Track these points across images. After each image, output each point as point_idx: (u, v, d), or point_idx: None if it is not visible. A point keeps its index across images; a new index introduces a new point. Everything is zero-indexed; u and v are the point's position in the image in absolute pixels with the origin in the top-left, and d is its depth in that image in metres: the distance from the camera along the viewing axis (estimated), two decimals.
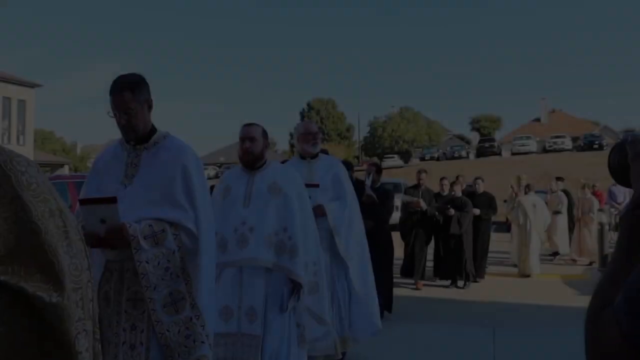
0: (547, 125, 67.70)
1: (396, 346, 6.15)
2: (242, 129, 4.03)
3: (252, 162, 4.02)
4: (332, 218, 4.76)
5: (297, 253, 3.84)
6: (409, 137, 63.31)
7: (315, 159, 5.03)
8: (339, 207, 4.86)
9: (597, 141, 49.68)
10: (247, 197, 3.95)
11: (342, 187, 4.94)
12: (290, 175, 4.12)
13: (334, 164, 5.08)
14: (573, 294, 9.37)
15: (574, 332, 5.83)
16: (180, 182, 2.90)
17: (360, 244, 5.03)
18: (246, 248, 3.82)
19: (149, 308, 2.77)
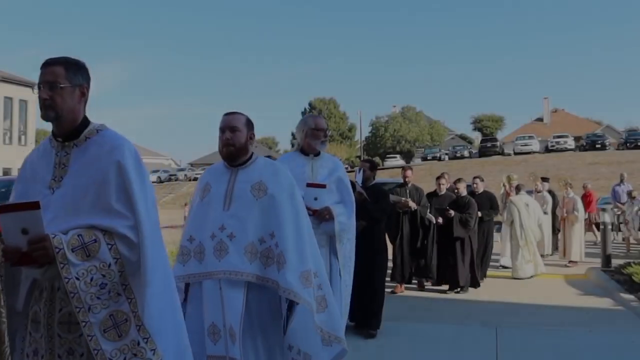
0: (549, 125, 67.64)
1: (399, 346, 6.13)
2: (223, 118, 3.51)
3: (233, 156, 3.48)
4: (339, 223, 4.47)
5: (286, 263, 3.26)
6: (411, 137, 63.36)
7: (318, 157, 4.72)
8: (345, 213, 4.57)
9: (599, 141, 49.67)
10: (228, 198, 3.41)
11: (348, 191, 4.69)
12: (279, 173, 3.53)
13: (337, 165, 4.81)
14: (575, 294, 9.34)
15: (577, 331, 5.83)
16: (114, 182, 2.47)
17: (351, 257, 4.70)
18: (224, 258, 3.30)
19: (85, 334, 2.34)
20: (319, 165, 4.68)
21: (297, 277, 3.25)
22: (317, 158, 4.71)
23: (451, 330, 6.82)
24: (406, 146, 63.39)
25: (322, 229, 4.37)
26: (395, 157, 55.26)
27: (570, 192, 13.29)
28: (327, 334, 3.46)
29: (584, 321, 7.33)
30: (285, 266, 3.25)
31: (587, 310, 8.04)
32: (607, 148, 48.34)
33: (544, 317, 7.58)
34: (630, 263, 10.57)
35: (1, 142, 31.22)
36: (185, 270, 3.40)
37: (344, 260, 4.51)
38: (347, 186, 4.71)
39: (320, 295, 3.45)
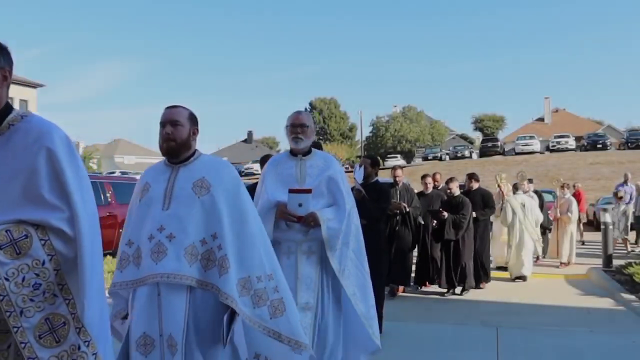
0: (550, 125, 67.60)
1: (400, 346, 6.11)
2: (164, 112, 3.25)
3: (173, 152, 3.19)
4: (327, 229, 4.07)
5: (228, 267, 3.02)
6: (411, 136, 63.34)
7: (308, 157, 4.33)
8: (336, 217, 4.15)
9: (600, 140, 49.58)
10: (167, 197, 3.13)
11: (339, 191, 4.24)
12: (223, 169, 3.25)
13: (329, 163, 4.35)
14: (576, 294, 9.34)
15: (577, 331, 5.81)
16: (44, 170, 2.21)
17: (360, 258, 4.33)
18: (162, 261, 3.00)
19: (18, 341, 2.10)
20: (308, 165, 4.29)
21: (235, 284, 3.02)
22: (307, 158, 4.32)
23: (451, 331, 6.81)
24: (407, 146, 63.37)
25: (311, 234, 4.11)
26: (396, 157, 55.13)
27: (567, 192, 13.23)
28: (286, 339, 3.17)
29: (584, 321, 7.32)
30: (229, 271, 3.00)
31: (588, 311, 8.03)
32: (608, 148, 48.27)
33: (545, 317, 7.57)
34: (631, 263, 10.56)
35: None
36: (123, 276, 3.12)
37: (342, 266, 4.12)
38: (339, 185, 4.26)
39: (277, 298, 3.17)
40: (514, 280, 10.53)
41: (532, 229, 10.93)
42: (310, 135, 4.30)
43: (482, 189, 10.27)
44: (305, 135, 4.25)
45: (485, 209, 9.87)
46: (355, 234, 4.31)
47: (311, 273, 4.14)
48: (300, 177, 4.24)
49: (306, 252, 4.15)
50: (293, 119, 4.28)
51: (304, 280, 4.11)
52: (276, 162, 4.41)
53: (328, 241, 4.07)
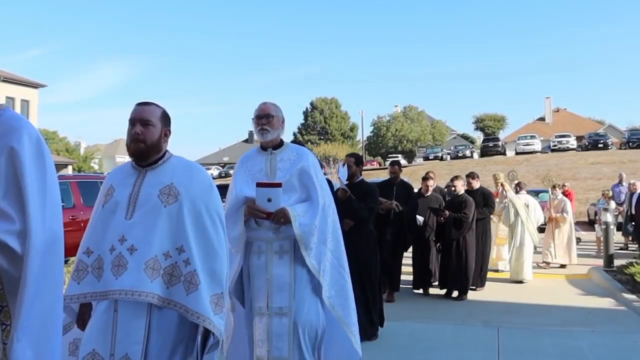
0: (551, 125, 67.55)
1: (401, 346, 6.11)
2: (134, 109, 2.93)
3: (142, 154, 2.89)
4: (300, 226, 3.75)
5: (199, 283, 2.74)
6: (412, 136, 63.31)
7: (279, 150, 4.02)
8: (308, 212, 3.84)
9: (602, 140, 49.49)
10: (132, 204, 2.82)
11: (312, 184, 3.92)
12: (194, 175, 2.94)
13: (302, 155, 4.01)
14: (577, 294, 9.33)
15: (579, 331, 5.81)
16: (3, 173, 1.97)
17: (339, 258, 3.99)
18: (122, 275, 2.71)
19: None
20: (279, 159, 3.99)
21: (208, 301, 2.75)
22: (278, 151, 4.01)
23: (452, 330, 6.81)
24: (408, 146, 63.33)
25: (283, 232, 3.80)
26: (397, 157, 55.12)
27: (559, 193, 12.97)
28: None
29: (586, 321, 7.31)
30: (199, 288, 2.72)
31: (589, 310, 8.02)
32: (609, 147, 48.20)
33: (546, 317, 7.56)
34: (632, 263, 10.54)
35: None
36: (80, 289, 2.79)
37: (321, 266, 3.81)
38: (312, 178, 3.92)
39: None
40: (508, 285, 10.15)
41: (534, 230, 10.69)
42: (277, 126, 3.97)
43: (483, 188, 10.07)
44: (271, 126, 3.94)
45: (485, 207, 9.63)
46: (332, 231, 3.97)
47: (284, 274, 3.81)
48: (270, 171, 3.95)
49: (278, 252, 3.85)
50: (258, 110, 3.98)
51: (275, 282, 3.80)
52: (246, 159, 4.13)
53: (302, 239, 3.75)
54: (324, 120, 69.26)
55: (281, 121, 4.02)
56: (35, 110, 33.85)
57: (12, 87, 31.96)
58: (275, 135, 3.98)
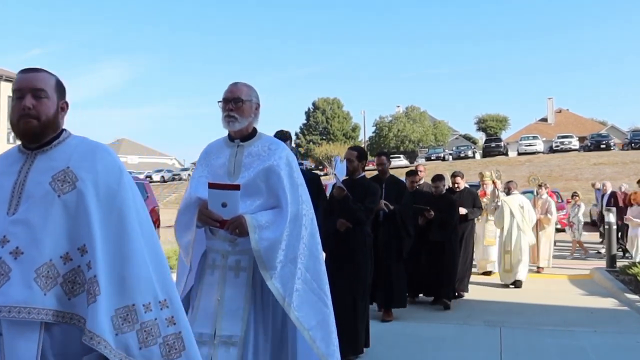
0: (554, 125, 67.51)
1: (404, 345, 6.10)
2: (20, 77, 2.27)
3: (35, 135, 2.24)
4: (257, 240, 3.01)
5: (98, 293, 2.08)
6: (414, 137, 63.27)
7: (248, 142, 3.28)
8: (274, 223, 3.09)
9: (604, 141, 49.49)
10: (15, 197, 2.19)
11: (281, 188, 3.14)
12: (97, 156, 2.26)
13: (274, 150, 3.26)
14: (580, 294, 9.31)
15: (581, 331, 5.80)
16: None
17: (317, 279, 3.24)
18: (3, 288, 2.08)
19: None
20: (246, 153, 3.25)
21: (109, 316, 2.09)
22: (247, 144, 3.28)
23: (455, 330, 6.80)
24: (410, 146, 63.29)
25: (241, 245, 3.11)
26: (399, 157, 55.08)
27: (544, 192, 12.37)
28: None
29: (588, 321, 7.29)
30: (97, 299, 2.07)
31: (592, 311, 8.00)
32: (611, 148, 48.18)
33: (548, 317, 7.54)
34: (635, 263, 10.52)
35: (5, 141, 31.25)
36: None
37: (287, 290, 3.07)
38: (282, 179, 3.16)
39: (174, 333, 2.20)
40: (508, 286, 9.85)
41: (530, 232, 10.25)
42: (248, 113, 3.26)
43: (469, 188, 9.71)
44: (240, 113, 3.22)
45: (474, 208, 9.13)
46: (309, 245, 3.22)
47: (238, 296, 3.09)
48: (233, 168, 3.23)
49: (233, 268, 3.14)
50: (226, 92, 3.28)
51: (227, 305, 3.08)
52: (210, 150, 3.41)
53: (261, 256, 3.02)
54: (326, 121, 69.30)
55: (254, 107, 3.31)
56: None
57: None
58: (245, 124, 3.26)
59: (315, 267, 3.25)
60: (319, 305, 3.22)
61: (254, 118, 3.33)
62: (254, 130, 3.35)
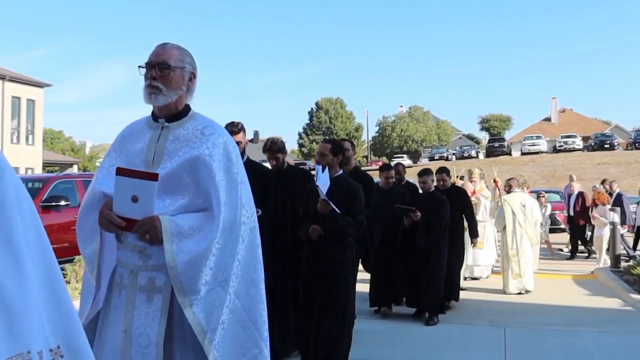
0: (557, 125, 67.39)
1: (407, 345, 6.09)
2: None
3: None
4: (174, 252, 2.27)
5: None
6: (418, 137, 63.28)
7: (177, 123, 2.52)
8: (199, 232, 2.33)
9: (608, 141, 49.43)
10: None
11: (212, 185, 2.37)
12: None
13: (208, 136, 2.47)
14: (584, 294, 9.30)
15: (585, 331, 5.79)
16: None
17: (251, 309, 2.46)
18: None
19: None
20: (172, 137, 2.48)
21: None
22: (175, 124, 2.51)
23: (459, 330, 6.79)
24: (413, 146, 63.29)
25: (155, 258, 2.35)
26: (402, 157, 55.07)
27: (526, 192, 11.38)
28: None
29: (592, 321, 7.28)
30: None
31: (596, 311, 7.99)
32: (615, 148, 48.11)
33: (553, 317, 7.54)
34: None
35: (8, 142, 31.34)
36: None
37: (212, 322, 2.31)
38: (213, 174, 2.38)
39: None
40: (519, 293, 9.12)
41: (533, 233, 9.58)
42: (177, 84, 2.49)
43: (457, 187, 9.11)
44: (166, 83, 2.46)
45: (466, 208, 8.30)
46: (245, 264, 2.45)
47: (150, 328, 2.33)
48: (153, 156, 2.47)
49: (145, 289, 2.36)
50: (150, 55, 2.54)
51: (135, 339, 2.33)
52: (126, 133, 2.62)
53: (178, 275, 2.27)
54: (329, 121, 69.27)
55: (187, 77, 2.55)
56: (41, 110, 33.90)
57: (18, 86, 31.97)
58: (173, 98, 2.49)
59: (249, 293, 2.46)
60: (248, 345, 2.43)
61: (188, 92, 2.56)
62: (186, 108, 2.56)
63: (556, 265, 12.59)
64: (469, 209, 8.47)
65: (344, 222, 4.60)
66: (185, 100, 2.56)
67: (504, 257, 9.33)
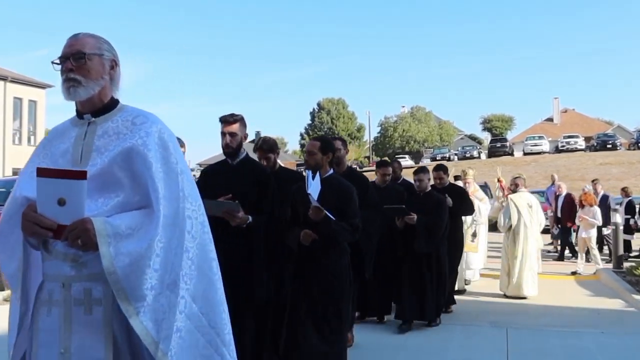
0: (559, 125, 67.30)
1: (409, 346, 6.08)
2: None
3: None
4: (113, 255, 2.02)
5: None
6: (420, 137, 63.21)
7: (104, 117, 2.28)
8: (139, 230, 2.08)
9: (610, 141, 49.32)
10: None
11: (150, 178, 2.13)
12: None
13: (139, 126, 2.24)
14: (586, 295, 9.29)
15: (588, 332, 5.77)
16: None
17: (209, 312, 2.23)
18: None
19: None
20: (100, 132, 2.25)
21: None
22: (103, 118, 2.28)
23: (461, 331, 6.78)
24: (415, 146, 63.23)
25: (90, 267, 2.09)
26: (404, 158, 55.01)
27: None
28: None
29: (595, 322, 7.26)
30: None
31: (598, 312, 7.98)
32: (618, 148, 48.02)
33: (555, 318, 7.52)
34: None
35: (10, 142, 31.40)
36: None
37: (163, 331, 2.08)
38: (150, 166, 2.15)
39: None
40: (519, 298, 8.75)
41: (539, 235, 9.24)
42: (98, 74, 2.26)
43: (455, 185, 8.68)
44: (85, 74, 2.23)
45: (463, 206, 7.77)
46: (199, 262, 2.22)
47: (94, 345, 2.08)
48: (81, 155, 2.23)
49: (82, 302, 2.10)
50: (64, 47, 2.29)
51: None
52: (51, 137, 2.38)
53: (119, 282, 2.02)
54: (330, 121, 69.26)
55: (109, 65, 2.32)
56: (43, 111, 33.94)
57: (19, 87, 31.99)
58: (95, 89, 2.25)
59: (207, 295, 2.23)
60: (208, 352, 2.21)
61: (112, 83, 2.33)
62: (112, 101, 2.32)
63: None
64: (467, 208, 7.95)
65: (339, 227, 4.30)
66: (111, 93, 2.33)
67: (507, 259, 8.89)
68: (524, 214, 8.80)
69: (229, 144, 4.28)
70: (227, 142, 4.28)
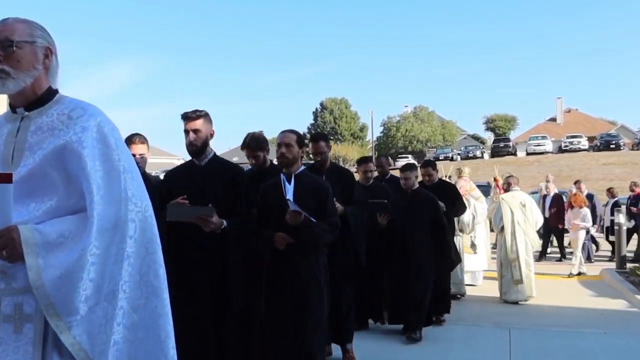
0: (562, 125, 67.27)
1: (412, 346, 6.07)
2: None
3: None
4: (41, 267, 1.86)
5: None
6: (423, 137, 63.22)
7: (39, 111, 2.07)
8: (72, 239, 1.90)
9: (614, 141, 49.26)
10: None
11: (84, 178, 1.93)
12: None
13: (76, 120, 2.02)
14: (589, 295, 9.28)
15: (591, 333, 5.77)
16: None
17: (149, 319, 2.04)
18: None
19: None
20: (34, 128, 2.04)
21: None
22: (37, 112, 2.07)
23: (464, 331, 6.78)
24: (418, 146, 63.23)
25: (18, 280, 1.92)
26: (407, 157, 55.03)
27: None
28: None
29: (598, 323, 7.25)
30: None
31: (602, 312, 7.97)
32: (621, 148, 47.95)
33: (558, 319, 7.51)
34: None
35: None
36: None
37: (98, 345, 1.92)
38: (85, 164, 1.95)
39: None
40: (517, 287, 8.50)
41: (534, 235, 8.90)
42: (30, 63, 2.05)
43: (445, 182, 8.11)
44: (14, 64, 2.02)
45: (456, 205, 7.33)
46: (141, 268, 2.04)
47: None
48: (12, 153, 2.03)
49: (11, 319, 1.92)
50: None
51: None
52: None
53: (48, 295, 1.85)
54: (333, 121, 69.24)
55: (42, 54, 2.10)
56: None
57: None
58: (27, 81, 2.05)
59: (149, 305, 2.04)
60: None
61: (48, 73, 2.11)
62: (48, 93, 2.11)
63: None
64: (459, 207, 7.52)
65: (319, 229, 4.04)
66: (47, 84, 2.11)
67: (502, 261, 8.56)
68: (517, 213, 8.58)
69: (193, 142, 3.97)
70: (190, 140, 3.98)
